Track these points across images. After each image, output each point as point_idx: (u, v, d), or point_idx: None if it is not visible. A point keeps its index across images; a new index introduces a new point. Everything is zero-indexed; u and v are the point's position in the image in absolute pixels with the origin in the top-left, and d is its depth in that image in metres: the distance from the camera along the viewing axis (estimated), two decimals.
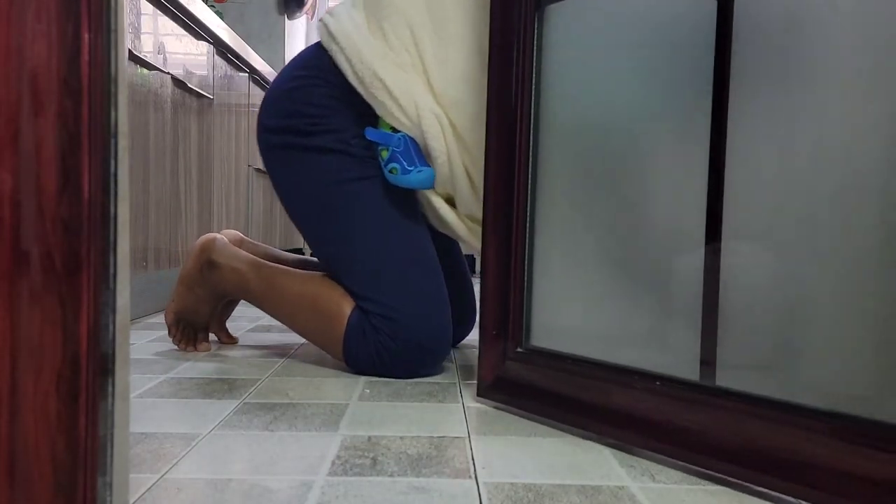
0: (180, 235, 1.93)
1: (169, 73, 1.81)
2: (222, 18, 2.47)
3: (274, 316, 1.23)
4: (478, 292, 1.07)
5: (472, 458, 0.74)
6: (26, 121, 0.41)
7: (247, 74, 2.61)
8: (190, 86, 1.97)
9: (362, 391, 1.02)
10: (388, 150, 1.10)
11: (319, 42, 1.16)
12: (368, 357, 1.10)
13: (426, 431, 0.83)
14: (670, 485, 0.68)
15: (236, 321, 1.67)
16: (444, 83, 1.08)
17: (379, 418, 0.88)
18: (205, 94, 2.10)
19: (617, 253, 0.83)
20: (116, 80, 0.44)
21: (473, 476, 0.69)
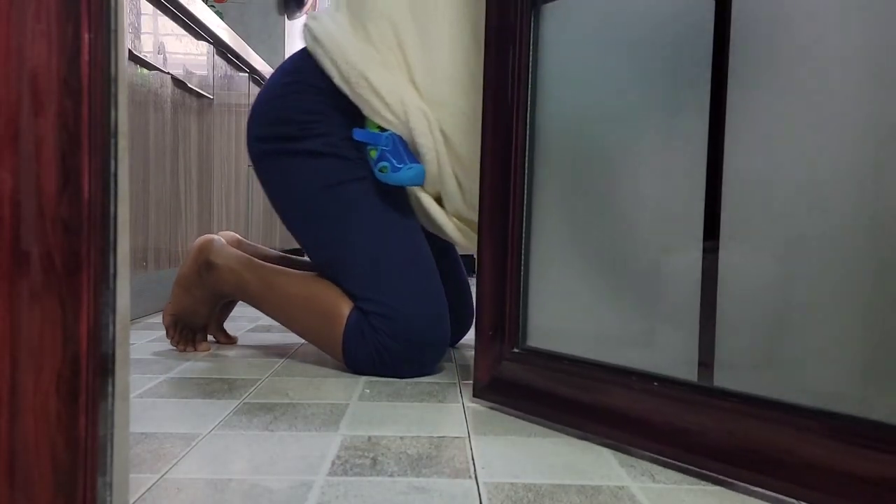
0: (180, 235, 1.93)
1: (169, 73, 1.81)
2: (222, 18, 2.47)
3: (272, 317, 1.23)
4: (474, 293, 1.07)
5: (472, 458, 0.74)
6: (26, 121, 0.41)
7: (247, 74, 2.61)
8: (190, 86, 1.97)
9: (362, 391, 1.02)
10: (377, 149, 1.10)
11: (305, 48, 1.17)
12: (368, 357, 1.10)
13: (426, 431, 0.83)
14: (670, 485, 0.68)
15: (236, 321, 1.67)
16: (428, 85, 1.09)
17: (379, 418, 0.88)
18: (205, 94, 2.10)
19: (614, 253, 0.83)
20: (116, 80, 0.44)
21: (473, 476, 0.69)
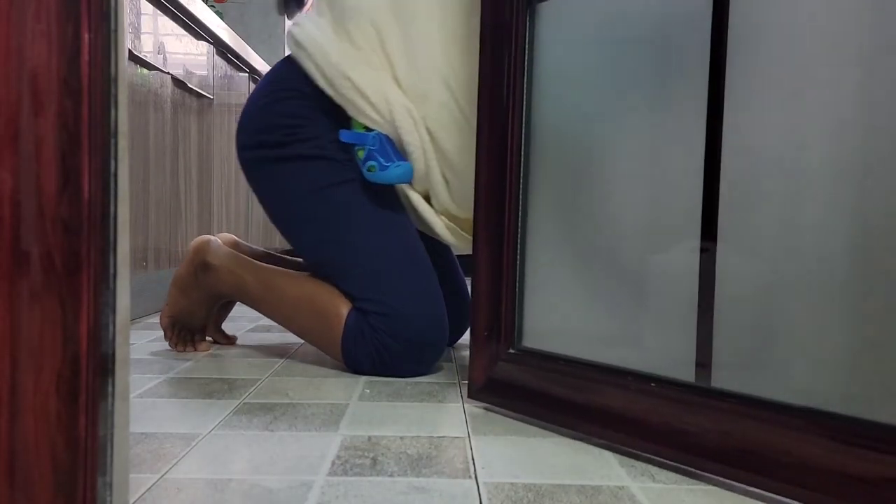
0: (180, 235, 1.93)
1: (169, 73, 1.81)
2: (222, 18, 2.47)
3: (270, 317, 1.23)
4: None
5: (472, 458, 0.74)
6: (26, 121, 0.41)
7: (247, 74, 2.61)
8: (190, 86, 1.97)
9: (362, 391, 1.02)
10: (364, 149, 1.11)
11: (289, 55, 1.18)
12: (368, 357, 1.10)
13: (426, 431, 0.83)
14: (670, 485, 0.68)
15: (236, 321, 1.67)
16: (410, 77, 1.09)
17: (379, 418, 0.88)
18: (205, 94, 2.10)
19: (611, 253, 0.83)
20: (116, 80, 0.44)
21: (473, 476, 0.69)
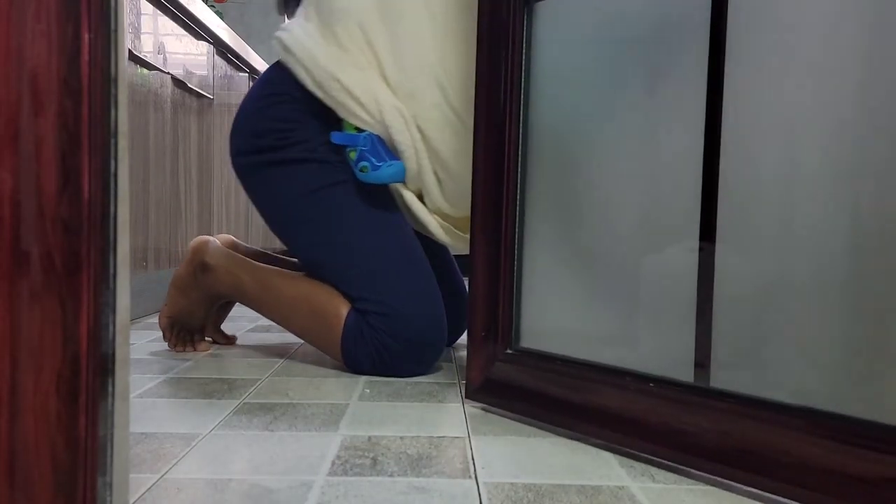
0: (180, 235, 1.93)
1: (169, 73, 1.81)
2: (222, 18, 2.47)
3: (269, 317, 1.24)
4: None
5: (472, 458, 0.74)
6: (26, 121, 0.41)
7: (247, 74, 2.61)
8: (190, 86, 1.97)
9: (362, 391, 1.02)
10: (356, 150, 1.12)
11: (278, 61, 1.19)
12: (368, 357, 1.10)
13: (426, 431, 0.83)
14: (670, 485, 0.68)
15: (236, 321, 1.67)
16: (398, 76, 1.10)
17: (379, 418, 0.88)
18: (205, 94, 2.10)
19: (609, 252, 0.83)
20: (116, 80, 0.44)
21: (473, 476, 0.69)
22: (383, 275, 1.11)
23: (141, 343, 1.37)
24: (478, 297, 0.94)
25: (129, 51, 1.58)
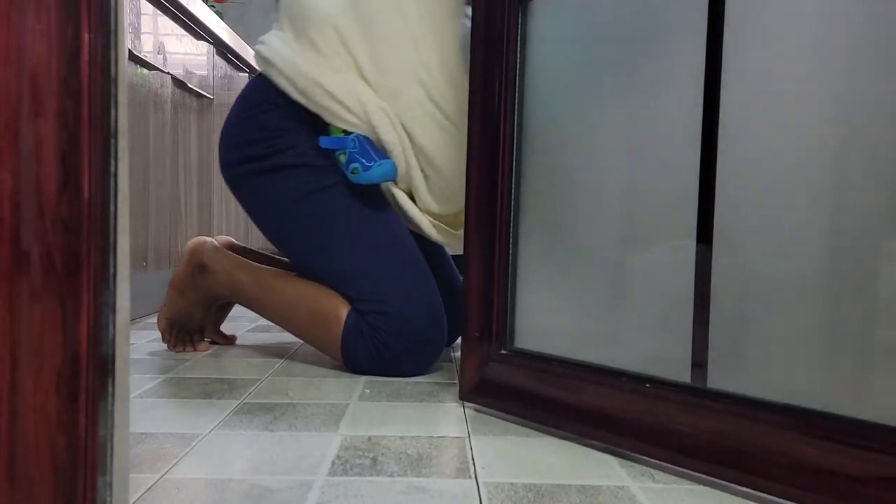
0: (180, 235, 1.93)
1: (169, 73, 1.81)
2: (222, 18, 2.47)
3: (268, 318, 1.24)
4: None
5: (472, 458, 0.74)
6: (26, 121, 0.41)
7: (247, 74, 2.61)
8: (190, 86, 1.97)
9: (362, 391, 1.02)
10: (345, 152, 1.12)
11: (259, 73, 1.20)
12: (368, 356, 1.10)
13: (426, 431, 0.83)
14: (670, 485, 0.68)
15: (236, 321, 1.67)
16: (379, 76, 1.11)
17: (379, 418, 0.88)
18: (205, 94, 2.10)
19: (604, 252, 0.82)
20: (116, 80, 0.44)
21: (473, 476, 0.69)
22: (381, 274, 1.11)
23: (141, 343, 1.37)
24: (472, 298, 0.94)
25: (129, 51, 1.58)
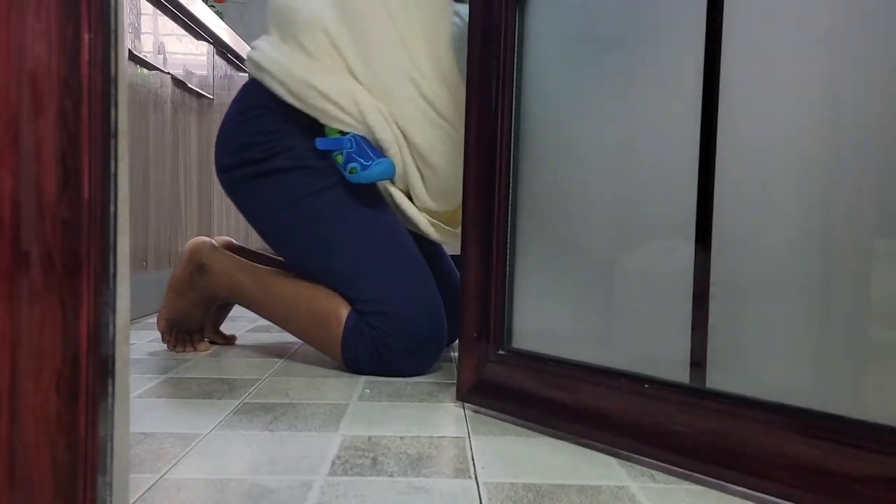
0: (180, 235, 1.93)
1: (169, 73, 1.81)
2: (222, 18, 2.47)
3: (268, 319, 1.24)
4: None
5: (472, 458, 0.74)
6: (26, 121, 0.41)
7: (247, 74, 2.61)
8: (190, 86, 1.97)
9: (362, 391, 1.02)
10: (343, 153, 1.12)
11: (252, 78, 1.20)
12: (369, 357, 1.10)
13: (426, 431, 0.83)
14: (670, 485, 0.68)
15: (236, 321, 1.67)
16: (370, 77, 1.11)
17: (379, 418, 0.88)
18: (205, 94, 2.10)
19: (602, 251, 0.82)
20: (116, 80, 0.44)
21: (473, 476, 0.69)
22: (381, 275, 1.11)
23: (140, 343, 1.37)
24: (469, 297, 0.94)
25: (129, 51, 1.58)
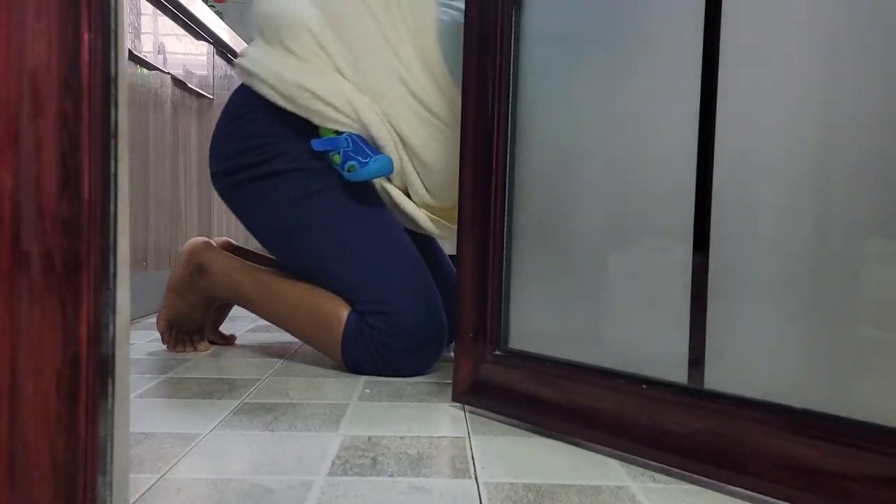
0: (180, 236, 1.93)
1: (169, 73, 1.81)
2: (222, 18, 2.47)
3: (267, 318, 1.23)
4: None
5: (472, 458, 0.74)
6: (26, 121, 0.41)
7: None
8: (190, 86, 1.97)
9: (362, 391, 1.02)
10: (339, 152, 1.12)
11: (243, 84, 1.20)
12: (369, 357, 1.10)
13: (426, 431, 0.83)
14: (670, 485, 0.68)
15: (236, 321, 1.67)
16: (359, 78, 1.11)
17: (379, 418, 0.88)
18: (205, 94, 2.10)
19: (599, 252, 0.82)
20: (116, 80, 0.44)
21: (473, 476, 0.69)
22: (380, 275, 1.11)
23: (140, 343, 1.37)
24: (466, 298, 0.93)
25: (129, 51, 1.58)
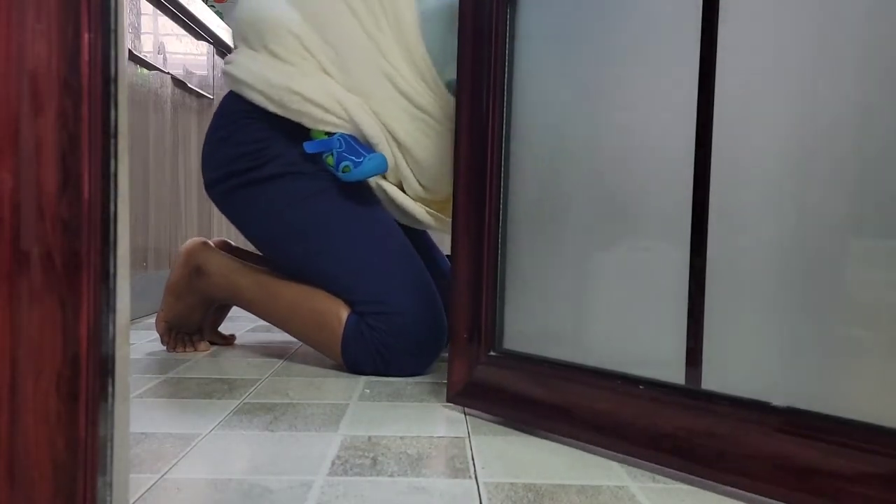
0: (180, 236, 1.93)
1: (169, 73, 1.81)
2: (222, 18, 2.47)
3: (266, 319, 1.24)
4: None
5: (472, 458, 0.74)
6: (26, 121, 0.41)
7: None
8: (190, 86, 1.97)
9: (362, 391, 1.02)
10: (333, 153, 1.12)
11: (231, 91, 1.20)
12: (370, 357, 1.10)
13: (426, 431, 0.83)
14: (670, 485, 0.68)
15: (236, 321, 1.67)
16: (345, 77, 1.12)
17: (379, 418, 0.88)
18: (205, 94, 2.10)
19: (595, 252, 0.82)
20: (116, 80, 0.44)
21: (473, 476, 0.69)
22: (379, 275, 1.12)
23: (140, 343, 1.37)
24: (460, 298, 0.93)
25: (129, 51, 1.58)
